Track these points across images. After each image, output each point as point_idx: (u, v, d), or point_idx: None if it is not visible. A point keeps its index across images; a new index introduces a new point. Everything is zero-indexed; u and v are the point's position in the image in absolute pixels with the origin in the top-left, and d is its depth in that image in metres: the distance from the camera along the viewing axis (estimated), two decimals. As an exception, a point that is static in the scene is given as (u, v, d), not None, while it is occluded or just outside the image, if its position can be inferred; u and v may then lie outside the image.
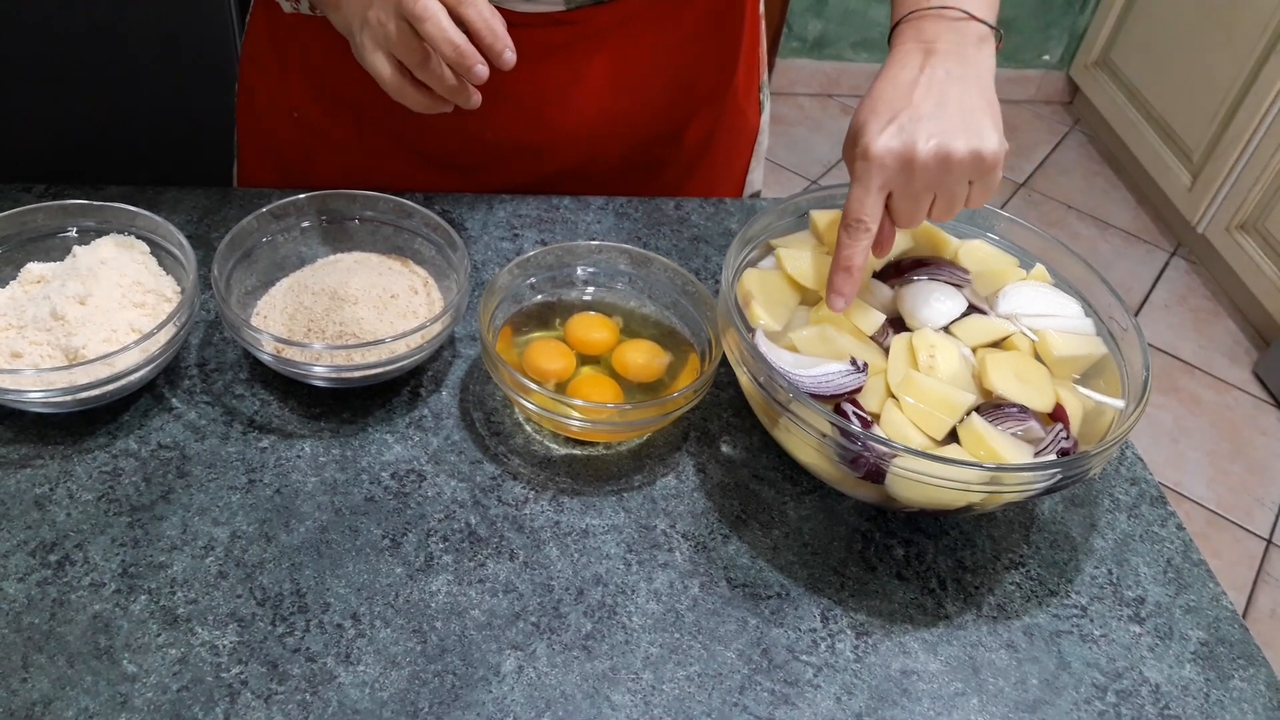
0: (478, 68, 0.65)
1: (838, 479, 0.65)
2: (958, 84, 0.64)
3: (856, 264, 0.65)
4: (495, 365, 0.67)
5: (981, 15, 0.67)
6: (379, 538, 0.64)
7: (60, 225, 0.74)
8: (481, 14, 0.65)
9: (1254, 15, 2.27)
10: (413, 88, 0.69)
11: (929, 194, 0.64)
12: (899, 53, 0.67)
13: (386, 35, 0.66)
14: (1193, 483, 2.02)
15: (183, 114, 1.49)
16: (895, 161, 0.63)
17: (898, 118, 0.63)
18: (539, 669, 0.59)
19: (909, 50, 0.67)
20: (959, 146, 0.62)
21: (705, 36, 0.90)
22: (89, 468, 0.66)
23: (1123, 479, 0.74)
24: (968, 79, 0.65)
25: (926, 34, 0.67)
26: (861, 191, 0.64)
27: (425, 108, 0.70)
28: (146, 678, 0.56)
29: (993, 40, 0.68)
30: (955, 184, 0.64)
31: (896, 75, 0.66)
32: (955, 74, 0.65)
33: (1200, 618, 0.66)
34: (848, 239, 0.65)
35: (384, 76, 0.68)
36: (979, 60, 0.66)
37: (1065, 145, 2.91)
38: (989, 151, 0.63)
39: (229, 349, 0.74)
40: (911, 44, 0.67)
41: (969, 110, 0.63)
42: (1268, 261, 2.24)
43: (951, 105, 0.63)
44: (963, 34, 0.66)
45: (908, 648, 0.62)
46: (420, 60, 0.66)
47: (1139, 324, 0.69)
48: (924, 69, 0.65)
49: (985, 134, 0.63)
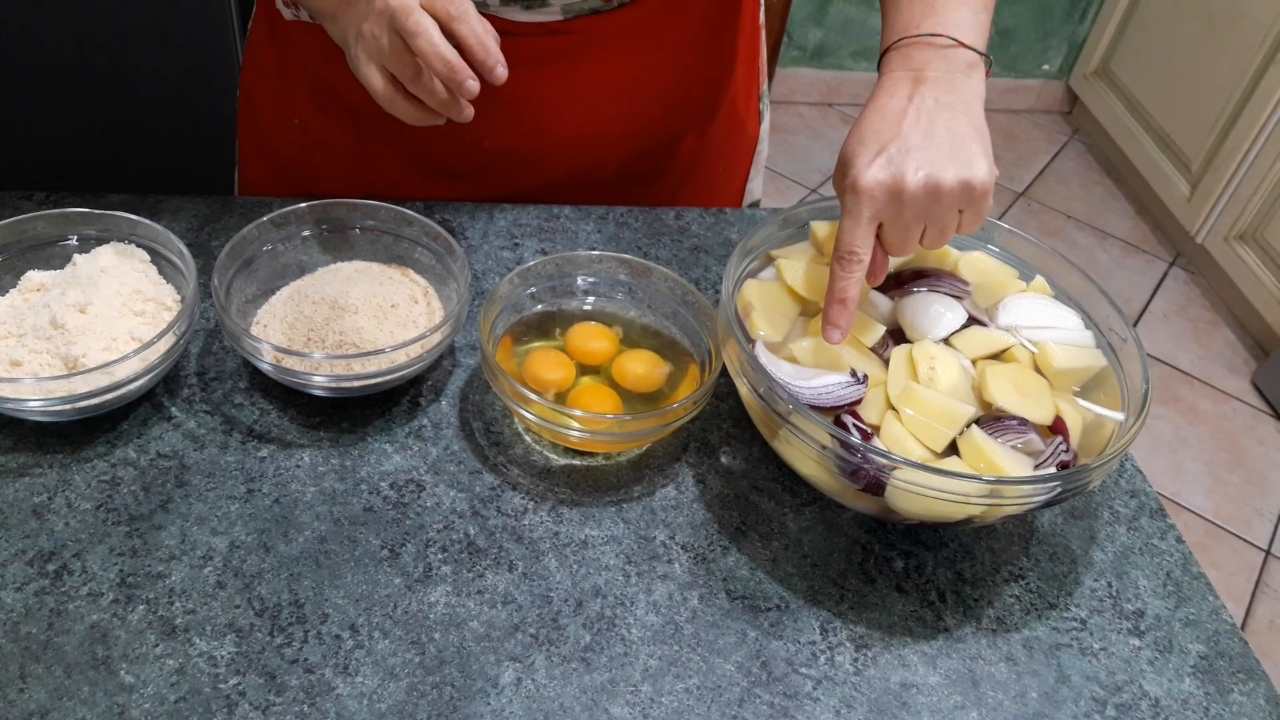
0: (469, 83, 0.66)
1: (837, 491, 0.65)
2: (946, 112, 0.64)
3: (851, 296, 0.64)
4: (495, 375, 0.67)
5: (970, 42, 0.66)
6: (378, 548, 0.64)
7: (61, 233, 0.74)
8: (474, 30, 0.66)
9: (1253, 26, 2.27)
10: (405, 100, 0.69)
11: (919, 224, 0.64)
12: (887, 81, 0.67)
13: (380, 49, 0.67)
14: (1191, 493, 2.01)
15: (184, 121, 1.49)
16: (884, 193, 0.62)
17: (886, 149, 0.63)
18: (537, 681, 0.58)
19: (898, 79, 0.66)
20: (948, 177, 0.62)
21: (704, 46, 0.90)
22: (87, 477, 0.66)
23: (1122, 491, 0.74)
24: (956, 107, 0.64)
25: (915, 61, 0.66)
26: (851, 224, 0.63)
27: (417, 120, 0.70)
28: (144, 688, 0.56)
29: (982, 67, 0.67)
30: (945, 214, 0.63)
31: (885, 105, 0.65)
32: (944, 102, 0.64)
33: (1200, 631, 0.66)
34: (841, 271, 0.64)
35: (377, 89, 0.69)
36: (968, 88, 0.66)
37: (1064, 155, 2.91)
38: (979, 181, 0.62)
39: (229, 358, 0.74)
40: (900, 72, 0.67)
41: (958, 139, 0.63)
42: (1266, 272, 2.25)
43: (940, 135, 0.63)
44: (952, 61, 0.66)
45: (907, 660, 0.62)
46: (412, 75, 0.67)
47: (1138, 336, 0.69)
48: (912, 98, 0.65)
49: (974, 163, 0.62)
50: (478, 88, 0.67)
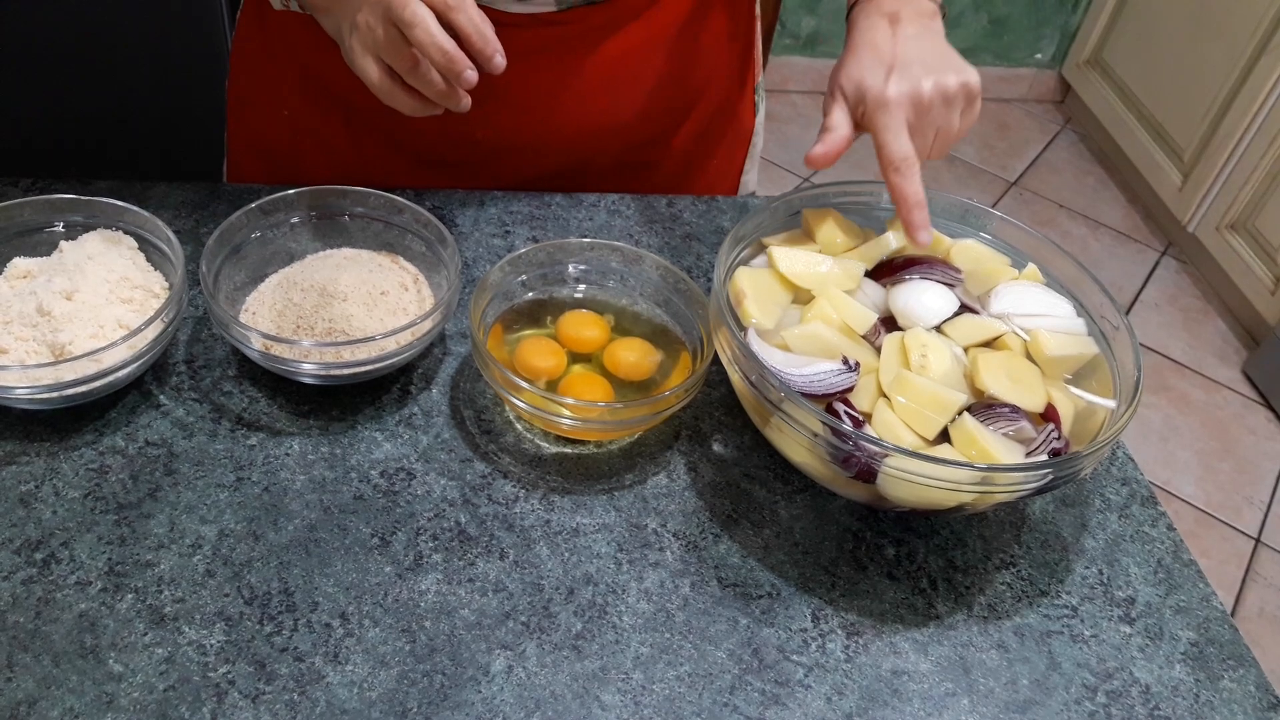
0: (467, 73, 0.65)
1: (829, 478, 0.65)
2: (927, 38, 0.73)
3: (923, 196, 0.70)
4: (486, 363, 0.67)
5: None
6: (368, 536, 0.64)
7: (47, 220, 0.73)
8: (471, 19, 0.65)
9: (1245, 15, 2.27)
10: (402, 91, 0.68)
11: (933, 129, 0.72)
12: (866, 23, 0.75)
13: (375, 40, 0.66)
14: (1182, 481, 2.02)
15: (173, 110, 1.48)
16: (909, 101, 0.70)
17: (892, 69, 0.71)
18: (529, 669, 0.58)
19: (874, 21, 0.74)
20: (951, 81, 0.71)
21: (698, 38, 0.90)
22: (75, 465, 0.65)
23: (1114, 479, 0.74)
24: (934, 33, 0.74)
25: (886, 7, 0.75)
26: (893, 135, 0.70)
27: (415, 111, 0.70)
28: (133, 677, 0.56)
29: (940, 16, 0.77)
30: (953, 116, 0.72)
31: (873, 39, 0.73)
32: (921, 33, 0.73)
33: (1190, 618, 0.66)
34: (904, 179, 0.70)
35: (373, 81, 0.68)
36: (935, 26, 0.75)
37: (1057, 144, 2.91)
38: (974, 81, 0.72)
39: (217, 345, 0.74)
40: (875, 15, 0.74)
41: (944, 54, 0.72)
42: (1257, 261, 2.25)
43: (929, 52, 0.72)
44: (918, 6, 0.75)
45: (898, 648, 0.62)
46: (409, 66, 0.66)
47: (1130, 323, 0.69)
48: (895, 31, 0.73)
49: (965, 69, 0.72)
50: (476, 78, 0.66)
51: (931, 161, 0.73)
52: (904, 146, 0.70)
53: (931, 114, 0.71)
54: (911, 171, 0.70)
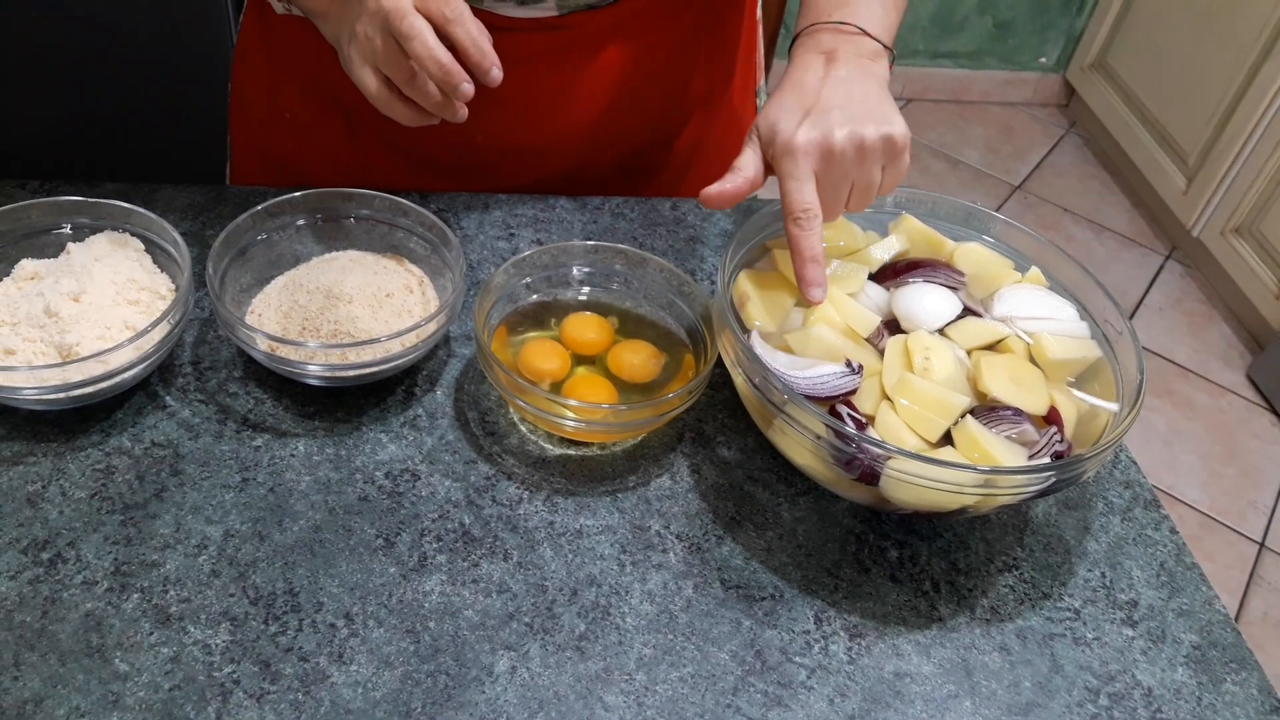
0: (463, 87, 0.66)
1: (832, 481, 0.65)
2: (859, 81, 0.68)
3: (820, 251, 0.67)
4: (490, 365, 0.67)
5: (876, 34, 0.71)
6: (372, 537, 0.64)
7: (55, 222, 0.73)
8: (469, 32, 0.65)
9: (1250, 19, 2.27)
10: (399, 102, 0.69)
11: (847, 182, 0.67)
12: (801, 60, 0.71)
13: (374, 51, 0.66)
14: (1186, 486, 2.02)
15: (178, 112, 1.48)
16: (817, 150, 0.65)
17: (810, 113, 0.66)
18: (532, 669, 0.59)
19: (810, 58, 0.70)
20: (870, 133, 0.65)
21: (700, 42, 0.90)
22: (82, 465, 0.65)
23: (1116, 482, 0.74)
24: (868, 77, 0.69)
25: (825, 44, 0.70)
26: (796, 183, 0.66)
27: (411, 121, 0.70)
28: (138, 676, 0.56)
29: (886, 59, 0.71)
30: (870, 170, 0.67)
31: (801, 78, 0.69)
32: (855, 75, 0.69)
33: (1193, 621, 0.66)
34: (802, 231, 0.66)
35: (371, 91, 0.68)
36: (875, 69, 0.70)
37: (1061, 148, 2.91)
38: (899, 134, 0.66)
39: (223, 347, 0.74)
40: (812, 53, 0.70)
41: (873, 101, 0.67)
42: (1262, 265, 2.25)
43: (856, 98, 0.67)
44: (859, 46, 0.70)
45: (901, 650, 0.62)
46: (407, 77, 0.66)
47: (1133, 327, 0.69)
48: (826, 72, 0.69)
49: (892, 120, 0.66)
50: (472, 91, 0.66)
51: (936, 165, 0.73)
52: (805, 197, 0.65)
53: (844, 165, 0.66)
54: (811, 224, 0.66)
